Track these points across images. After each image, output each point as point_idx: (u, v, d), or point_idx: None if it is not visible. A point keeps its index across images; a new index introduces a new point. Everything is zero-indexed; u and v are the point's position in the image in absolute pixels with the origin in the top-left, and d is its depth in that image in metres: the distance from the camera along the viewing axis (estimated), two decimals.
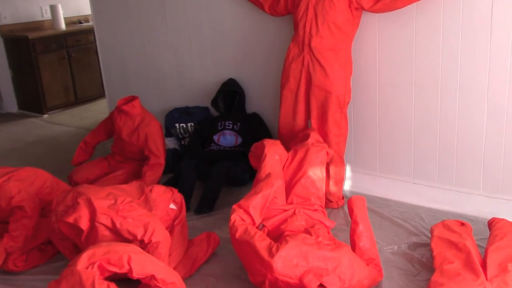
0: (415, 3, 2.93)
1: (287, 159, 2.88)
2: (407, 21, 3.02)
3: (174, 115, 4.18)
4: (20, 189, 2.80)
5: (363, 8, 3.02)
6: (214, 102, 3.89)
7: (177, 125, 4.12)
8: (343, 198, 3.28)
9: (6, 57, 6.00)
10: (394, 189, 3.31)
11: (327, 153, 2.94)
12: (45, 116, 5.92)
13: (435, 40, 2.95)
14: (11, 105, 6.18)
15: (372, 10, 3.00)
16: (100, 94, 6.20)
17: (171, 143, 4.16)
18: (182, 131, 4.11)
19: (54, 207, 2.57)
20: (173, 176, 3.65)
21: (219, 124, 3.88)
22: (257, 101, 3.87)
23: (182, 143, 4.15)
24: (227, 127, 3.84)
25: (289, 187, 2.78)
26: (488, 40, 2.79)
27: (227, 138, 3.82)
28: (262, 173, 2.69)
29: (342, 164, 3.20)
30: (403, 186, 3.29)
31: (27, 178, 2.91)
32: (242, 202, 2.44)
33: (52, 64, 5.92)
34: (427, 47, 2.99)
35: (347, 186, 3.47)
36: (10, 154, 4.73)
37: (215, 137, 3.85)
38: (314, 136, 3.02)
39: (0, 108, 6.19)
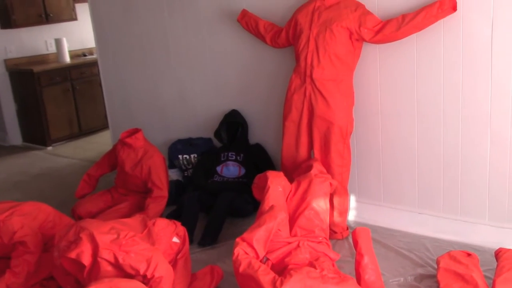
0: (415, 34, 2.96)
1: (291, 191, 2.87)
2: (408, 51, 3.04)
3: (177, 147, 4.19)
4: (23, 224, 2.80)
5: (363, 39, 3.05)
6: (217, 133, 3.91)
7: (180, 156, 4.13)
8: (347, 229, 3.25)
9: (11, 91, 6.07)
10: (399, 219, 3.28)
11: (331, 184, 2.93)
12: (49, 148, 5.95)
13: (436, 70, 2.97)
14: (16, 138, 6.22)
15: (373, 41, 3.03)
16: (104, 126, 6.23)
17: (174, 174, 4.16)
18: (185, 163, 4.12)
19: (56, 242, 2.55)
20: (176, 208, 3.64)
21: (222, 155, 3.88)
22: (260, 132, 3.88)
23: (186, 174, 4.15)
24: (230, 158, 3.84)
25: (292, 219, 2.77)
26: (489, 70, 2.80)
27: (230, 169, 3.82)
28: (266, 205, 2.67)
29: (346, 194, 3.19)
30: (408, 216, 3.26)
31: (30, 213, 2.90)
32: (245, 235, 2.42)
33: (56, 96, 5.98)
34: (429, 77, 3.01)
35: (351, 216, 3.44)
36: (14, 187, 4.73)
37: (218, 169, 3.85)
38: (317, 167, 3.01)
39: (5, 141, 6.23)
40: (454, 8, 2.79)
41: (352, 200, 3.44)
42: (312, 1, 3.19)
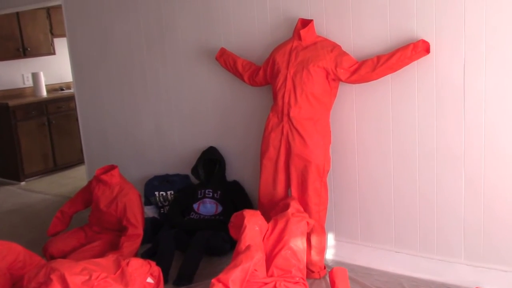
0: (390, 75, 3.02)
1: (267, 230, 2.85)
2: (383, 91, 3.10)
3: (154, 183, 4.15)
4: None
5: (340, 79, 3.10)
6: (194, 170, 3.88)
7: (156, 193, 4.08)
8: (325, 268, 3.23)
9: None
10: (376, 258, 3.27)
11: (308, 223, 2.91)
12: (23, 183, 5.84)
13: (410, 109, 3.02)
14: None
15: (349, 81, 3.08)
16: (80, 161, 6.16)
17: (150, 211, 4.11)
18: (161, 199, 4.07)
19: (25, 284, 2.48)
20: (152, 246, 3.58)
21: (199, 192, 3.85)
22: (237, 169, 3.87)
23: (162, 211, 4.10)
24: (207, 195, 3.81)
25: (269, 259, 2.74)
26: (462, 110, 2.86)
27: (207, 207, 3.79)
28: (242, 245, 2.65)
29: (323, 233, 3.18)
30: (385, 255, 3.26)
31: (0, 252, 2.82)
32: (221, 276, 2.38)
33: (31, 131, 5.91)
34: (403, 116, 3.06)
35: (329, 255, 3.42)
36: None
37: (195, 206, 3.81)
38: (294, 206, 3.00)
39: None
40: (427, 51, 2.87)
41: (330, 239, 3.43)
42: (289, 41, 3.24)
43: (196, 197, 3.84)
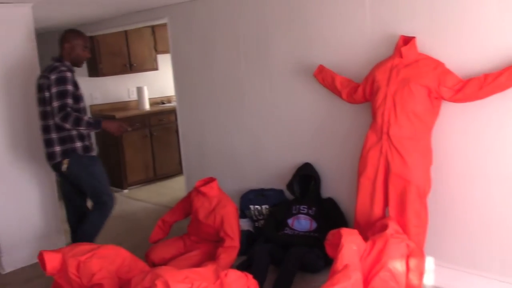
0: (498, 94, 2.89)
1: (365, 250, 2.82)
2: (489, 110, 2.96)
3: (249, 197, 4.24)
4: (102, 266, 2.92)
5: (442, 98, 3.01)
6: (290, 185, 3.93)
7: (251, 206, 4.17)
8: None
9: (95, 135, 6.41)
10: (479, 286, 3.12)
11: (407, 245, 2.85)
12: (125, 191, 6.20)
13: None
14: None
15: (453, 100, 2.99)
16: (177, 172, 6.43)
17: (245, 224, 4.20)
18: (256, 213, 4.15)
19: (132, 287, 2.64)
20: (246, 259, 3.65)
21: (294, 208, 3.89)
22: (332, 186, 3.86)
23: (256, 225, 4.18)
24: (301, 211, 3.84)
25: (366, 280, 2.70)
26: None
27: (302, 223, 3.81)
28: (339, 264, 2.64)
29: (422, 256, 3.08)
30: (489, 283, 3.10)
31: (109, 256, 3.02)
32: None
33: (135, 142, 6.27)
34: (510, 137, 2.90)
35: (428, 280, 3.31)
36: None
37: (289, 221, 3.85)
38: (392, 226, 2.95)
39: None
40: None
41: (429, 263, 3.32)
42: (390, 59, 3.21)
43: (291, 213, 3.88)
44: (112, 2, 4.27)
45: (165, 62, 6.60)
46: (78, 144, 3.55)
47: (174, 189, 6.04)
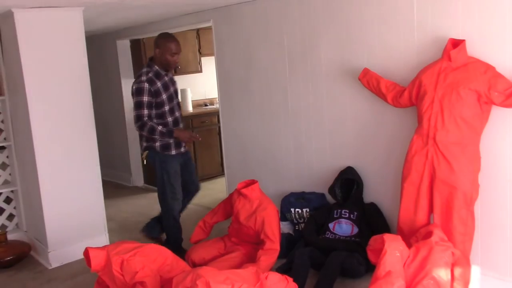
0: None
1: (408, 257, 2.77)
2: None
3: (290, 200, 4.23)
4: (144, 265, 2.96)
5: (492, 103, 2.92)
6: (331, 189, 3.89)
7: (292, 210, 4.16)
8: None
9: (138, 136, 6.52)
10: None
11: (453, 254, 2.78)
12: None
13: None
14: (138, 179, 6.68)
15: (503, 105, 2.90)
16: (219, 173, 6.48)
17: (285, 227, 4.19)
18: (297, 216, 4.13)
19: (174, 287, 2.67)
20: (286, 262, 3.65)
21: (335, 212, 3.85)
22: (375, 191, 3.81)
23: (297, 228, 4.16)
24: (343, 215, 3.80)
25: None
26: None
27: (343, 227, 3.77)
28: (381, 270, 2.60)
29: (468, 265, 2.99)
30: None
31: (151, 254, 3.07)
32: None
33: None
34: None
35: None
36: (134, 227, 5.02)
37: (331, 225, 3.82)
38: (437, 234, 2.88)
39: (129, 182, 6.70)
40: None
41: (475, 272, 3.22)
42: (437, 62, 3.14)
43: (332, 217, 3.84)
44: (159, 6, 4.34)
45: (209, 64, 6.67)
46: (157, 144, 3.91)
47: (215, 190, 6.09)
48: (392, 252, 2.67)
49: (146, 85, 3.73)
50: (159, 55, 3.77)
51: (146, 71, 3.81)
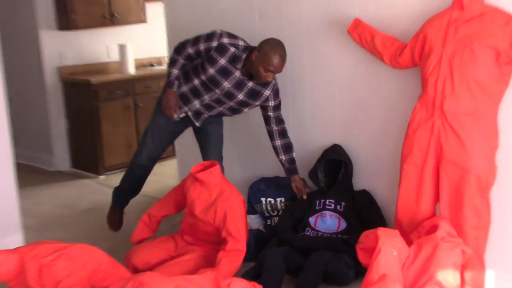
0: None
1: (408, 257, 2.84)
2: None
3: (260, 187, 4.26)
4: (70, 271, 2.94)
5: None
6: (313, 173, 3.92)
7: (263, 199, 4.19)
8: None
9: (63, 105, 6.44)
10: None
11: (463, 252, 2.86)
12: (102, 177, 6.23)
13: None
14: (63, 162, 6.58)
15: None
16: (169, 154, 6.43)
17: (254, 222, 4.22)
18: (269, 208, 4.17)
19: None
20: (255, 266, 3.68)
21: (318, 202, 3.90)
22: (367, 175, 3.87)
23: (269, 223, 4.20)
24: (327, 207, 3.85)
25: None
26: None
27: (327, 222, 3.83)
28: (374, 273, 2.65)
29: (482, 266, 3.08)
30: None
31: (79, 258, 3.04)
32: None
33: (115, 114, 6.28)
34: None
35: None
36: (57, 223, 4.98)
37: (312, 220, 3.86)
38: (444, 228, 2.95)
39: (50, 165, 6.61)
40: None
41: (490, 275, 3.31)
42: (447, 12, 3.18)
43: (314, 209, 3.89)
44: None
45: (156, 13, 6.57)
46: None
47: (164, 175, 6.06)
48: (388, 251, 2.73)
49: (215, 43, 3.80)
50: (254, 60, 3.76)
51: (236, 44, 3.84)
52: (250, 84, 3.89)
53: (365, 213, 3.77)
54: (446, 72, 3.08)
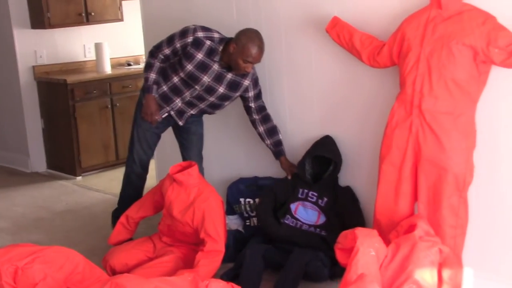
0: None
1: (386, 256, 2.86)
2: None
3: (239, 187, 4.27)
4: (46, 274, 2.94)
5: (492, 62, 3.03)
6: (301, 164, 3.92)
7: (242, 200, 4.20)
8: None
9: (38, 105, 6.40)
10: None
11: (440, 251, 2.89)
12: (78, 178, 6.20)
13: None
14: (39, 163, 6.54)
15: (505, 64, 3.00)
16: None
17: (233, 223, 4.23)
18: (248, 209, 4.18)
19: None
20: (234, 267, 3.70)
21: (301, 191, 3.93)
22: (348, 172, 3.89)
23: (248, 223, 4.21)
24: (310, 199, 3.89)
25: None
26: None
27: (308, 212, 3.87)
28: (353, 273, 2.68)
29: (459, 265, 3.12)
30: None
31: (56, 260, 3.04)
32: None
33: (91, 114, 6.24)
34: None
35: None
36: (33, 225, 4.95)
37: (293, 206, 3.90)
38: (422, 227, 2.98)
39: (26, 166, 6.56)
40: None
41: (468, 274, 3.36)
42: (425, 10, 3.20)
43: (296, 196, 3.92)
44: None
45: (133, 11, 6.55)
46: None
47: None
48: (366, 251, 2.75)
49: (191, 39, 3.86)
50: (232, 52, 3.78)
51: (211, 37, 3.90)
52: (229, 76, 3.93)
53: (346, 211, 3.80)
54: (424, 71, 3.11)
